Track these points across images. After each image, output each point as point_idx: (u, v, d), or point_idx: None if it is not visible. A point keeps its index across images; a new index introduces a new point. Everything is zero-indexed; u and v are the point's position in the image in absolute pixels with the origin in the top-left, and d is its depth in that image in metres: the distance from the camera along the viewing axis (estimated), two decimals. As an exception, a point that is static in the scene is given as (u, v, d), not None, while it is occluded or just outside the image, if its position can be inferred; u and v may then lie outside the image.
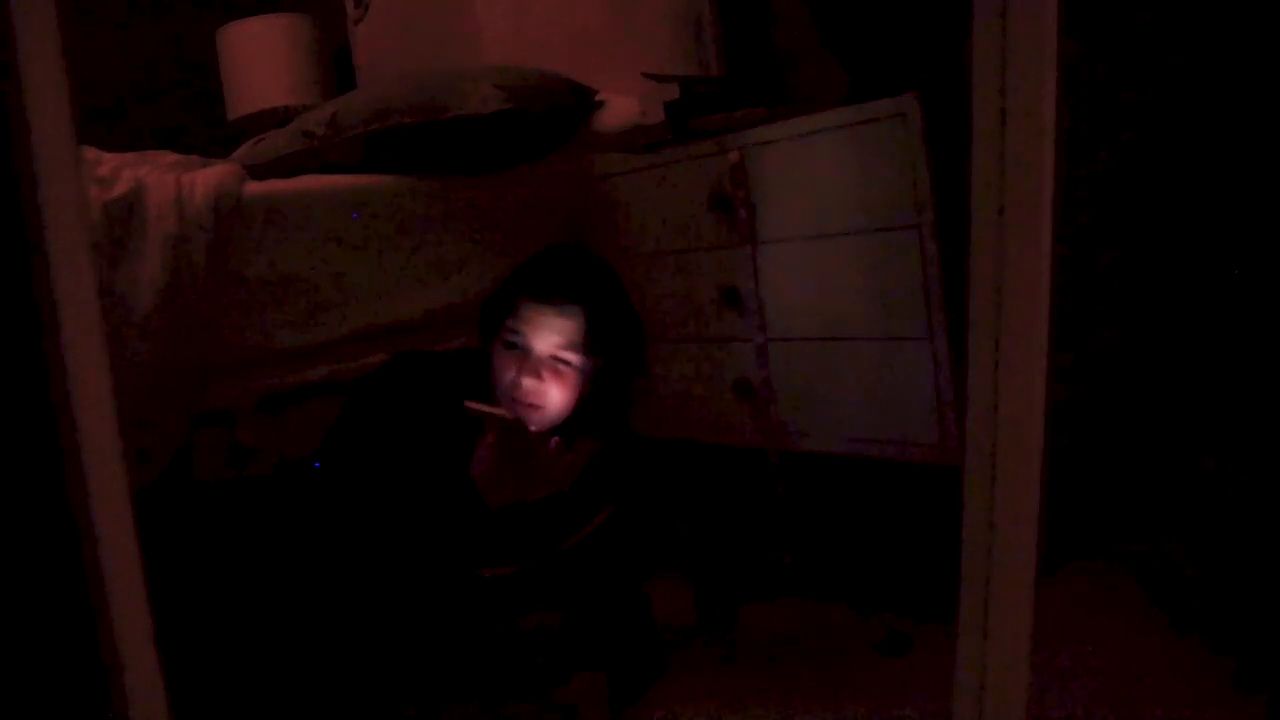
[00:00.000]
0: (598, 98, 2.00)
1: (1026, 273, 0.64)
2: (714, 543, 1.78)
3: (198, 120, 3.15)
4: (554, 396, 1.35)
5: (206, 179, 1.57)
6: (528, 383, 1.34)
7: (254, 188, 1.64)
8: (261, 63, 2.93)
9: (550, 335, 1.34)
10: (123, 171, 1.57)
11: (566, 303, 1.34)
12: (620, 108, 1.98)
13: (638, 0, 2.37)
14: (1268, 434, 1.42)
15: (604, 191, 1.95)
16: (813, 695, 1.35)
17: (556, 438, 1.30)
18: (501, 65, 2.07)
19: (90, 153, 1.63)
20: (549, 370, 1.35)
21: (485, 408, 1.29)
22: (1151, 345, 1.61)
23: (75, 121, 0.57)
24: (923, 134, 1.41)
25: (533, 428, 1.32)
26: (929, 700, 1.27)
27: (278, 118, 2.74)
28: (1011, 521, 0.66)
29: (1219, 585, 1.42)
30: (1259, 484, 1.41)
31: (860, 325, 1.53)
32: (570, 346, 1.34)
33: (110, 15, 3.09)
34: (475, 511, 1.30)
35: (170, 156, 1.78)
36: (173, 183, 1.55)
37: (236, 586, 1.27)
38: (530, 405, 1.34)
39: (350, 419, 1.40)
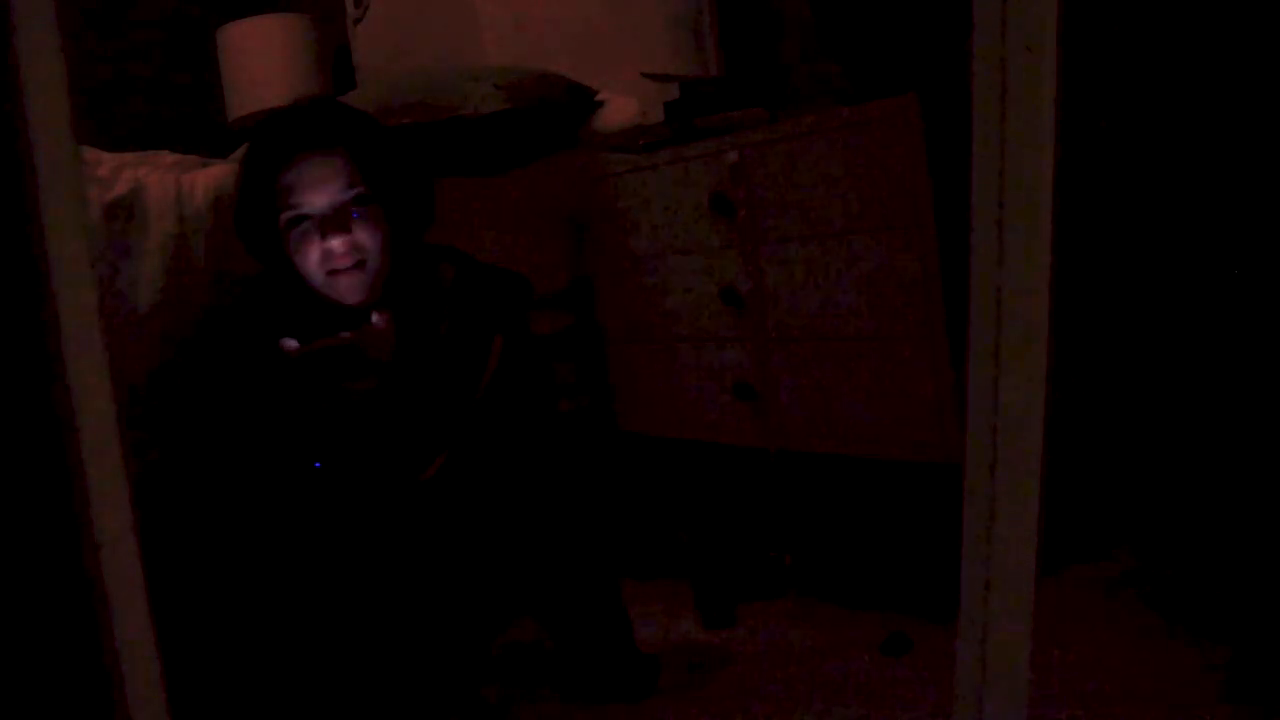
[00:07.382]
0: (598, 98, 2.00)
1: (1026, 272, 0.64)
2: (714, 543, 1.78)
3: (197, 120, 3.15)
4: (368, 243, 1.24)
5: (207, 179, 1.57)
6: (336, 243, 1.22)
7: (254, 188, 1.64)
8: (261, 63, 2.92)
9: (324, 185, 1.22)
10: (123, 171, 1.57)
11: (317, 149, 1.24)
12: (620, 108, 1.98)
13: (638, 0, 2.37)
14: (1266, 434, 1.42)
15: (604, 191, 1.95)
16: (812, 696, 1.35)
17: (382, 314, 1.23)
18: (501, 65, 2.07)
19: (90, 153, 1.62)
20: (346, 220, 1.23)
21: (314, 348, 1.18)
22: (1152, 345, 1.61)
23: (75, 121, 0.57)
24: (922, 134, 1.41)
25: (361, 295, 1.24)
26: (929, 700, 1.27)
27: (278, 118, 2.73)
28: (1011, 521, 0.66)
29: (1214, 587, 1.42)
30: (1255, 486, 1.41)
31: (860, 325, 1.53)
32: (351, 184, 1.23)
33: (110, 14, 3.09)
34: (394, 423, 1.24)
35: (170, 156, 1.77)
36: (173, 183, 1.55)
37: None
38: (352, 267, 1.24)
39: (222, 418, 1.31)
